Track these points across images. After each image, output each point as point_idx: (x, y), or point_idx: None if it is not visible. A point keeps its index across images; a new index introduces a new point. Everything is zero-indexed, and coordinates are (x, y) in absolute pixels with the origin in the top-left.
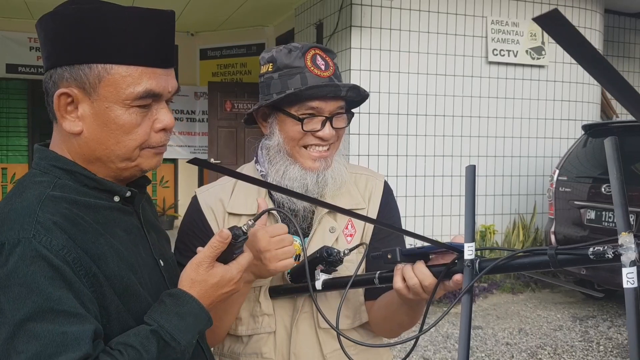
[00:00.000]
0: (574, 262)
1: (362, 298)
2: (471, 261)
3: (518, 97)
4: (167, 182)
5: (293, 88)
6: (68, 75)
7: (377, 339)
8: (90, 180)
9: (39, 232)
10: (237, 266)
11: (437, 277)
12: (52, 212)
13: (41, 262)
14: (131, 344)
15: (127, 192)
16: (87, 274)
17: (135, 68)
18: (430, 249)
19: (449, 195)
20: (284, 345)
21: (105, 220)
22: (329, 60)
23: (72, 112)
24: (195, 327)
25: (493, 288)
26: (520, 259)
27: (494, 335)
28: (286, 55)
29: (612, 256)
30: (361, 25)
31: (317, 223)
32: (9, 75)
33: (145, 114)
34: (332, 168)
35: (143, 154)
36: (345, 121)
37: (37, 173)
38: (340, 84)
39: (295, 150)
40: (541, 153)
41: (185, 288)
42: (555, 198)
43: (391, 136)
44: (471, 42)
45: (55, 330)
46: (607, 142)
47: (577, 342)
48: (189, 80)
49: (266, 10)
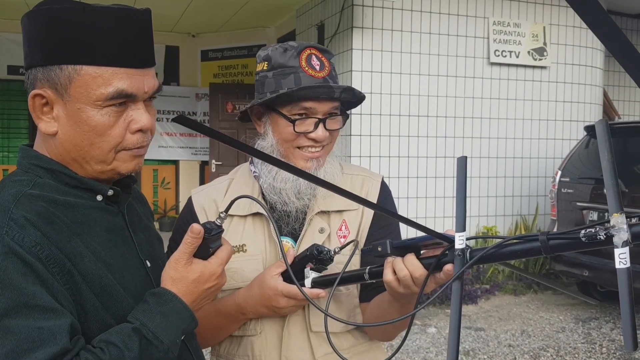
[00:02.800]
0: (565, 247)
1: (356, 300)
2: (462, 250)
3: (520, 98)
4: (168, 184)
5: (286, 88)
6: (41, 76)
7: (373, 343)
8: (71, 178)
9: (12, 228)
10: (217, 260)
11: (427, 269)
12: (26, 210)
13: (13, 258)
14: (113, 341)
15: (110, 191)
16: (61, 271)
17: (106, 69)
18: (420, 240)
19: (450, 196)
20: (274, 348)
21: (85, 219)
22: (325, 61)
23: (48, 113)
24: (179, 325)
25: (495, 290)
26: (511, 247)
27: (497, 337)
28: (281, 54)
29: (605, 237)
30: (362, 26)
31: (307, 224)
32: (10, 77)
33: (120, 114)
34: (324, 168)
35: (119, 156)
36: (340, 123)
37: (18, 172)
38: (334, 85)
39: (289, 152)
40: (543, 154)
41: (167, 287)
42: (557, 199)
43: (392, 137)
44: (473, 43)
45: (31, 326)
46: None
47: (580, 343)
48: (190, 81)
49: (267, 11)
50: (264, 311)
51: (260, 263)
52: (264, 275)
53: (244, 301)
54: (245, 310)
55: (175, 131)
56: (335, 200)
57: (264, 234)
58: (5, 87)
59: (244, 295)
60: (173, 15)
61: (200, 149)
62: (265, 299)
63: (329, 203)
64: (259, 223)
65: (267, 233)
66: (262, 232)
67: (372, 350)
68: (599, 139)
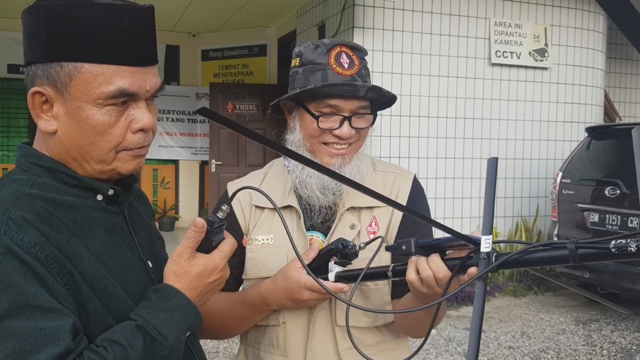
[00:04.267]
0: (595, 257)
1: (387, 297)
2: (487, 254)
3: (521, 99)
4: (168, 184)
5: (313, 84)
6: (41, 73)
7: (400, 342)
8: (71, 178)
9: (10, 228)
10: (220, 254)
11: (451, 271)
12: (25, 210)
13: (12, 259)
14: (116, 340)
15: (110, 191)
16: (61, 271)
17: (107, 67)
18: (446, 241)
19: (450, 197)
20: (300, 340)
21: (84, 219)
22: (355, 59)
23: (48, 111)
24: (183, 321)
25: (495, 291)
26: (538, 253)
27: (497, 339)
28: (312, 51)
29: (635, 249)
30: (363, 26)
31: (338, 219)
32: (10, 76)
33: (121, 113)
34: (350, 165)
35: (119, 156)
36: (367, 121)
37: (17, 171)
38: (360, 83)
39: (315, 147)
40: (544, 155)
41: (170, 282)
42: (558, 201)
43: (393, 138)
44: (474, 44)
45: (33, 326)
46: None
47: (581, 345)
48: (190, 81)
49: (268, 11)
50: (287, 303)
51: (284, 255)
52: (288, 267)
53: (268, 293)
54: (269, 301)
55: (175, 130)
56: (363, 197)
57: (292, 227)
58: (5, 86)
59: (268, 287)
60: (173, 15)
61: (200, 148)
62: (288, 292)
63: (359, 199)
64: (288, 216)
65: (296, 227)
66: (290, 225)
67: (398, 348)
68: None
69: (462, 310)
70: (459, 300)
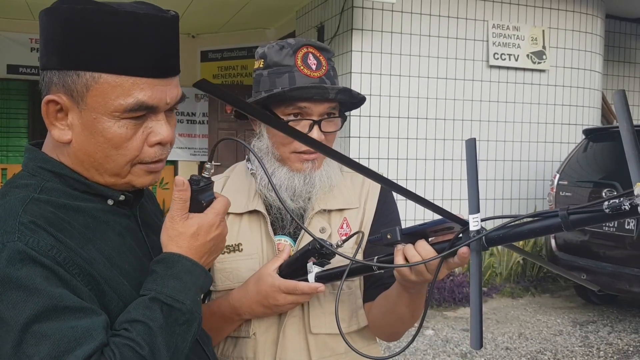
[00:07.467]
0: (588, 221)
1: (359, 301)
2: (477, 232)
3: (519, 101)
4: (167, 184)
5: (280, 87)
6: (57, 80)
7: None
8: (80, 184)
9: (24, 233)
10: (213, 211)
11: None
12: (35, 216)
13: (31, 264)
14: (135, 318)
15: (121, 196)
16: (82, 272)
17: (126, 78)
18: (430, 225)
19: (449, 198)
20: (270, 351)
21: (96, 224)
22: (323, 59)
23: (62, 119)
24: (195, 283)
25: (493, 292)
26: (530, 224)
27: (494, 340)
28: (277, 52)
29: (630, 207)
30: (362, 28)
31: (307, 223)
32: (9, 76)
33: (139, 126)
34: (320, 170)
35: (134, 170)
36: (337, 125)
37: (24, 175)
38: (329, 86)
39: (285, 155)
40: (542, 157)
41: (169, 249)
42: (555, 202)
43: (391, 139)
44: (472, 46)
45: (64, 327)
46: (616, 95)
47: (577, 347)
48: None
49: (267, 12)
50: (260, 310)
51: (256, 262)
52: (261, 272)
53: (239, 301)
54: (240, 310)
55: None
56: (335, 199)
57: (260, 232)
58: (5, 86)
59: (238, 295)
60: None
61: (199, 149)
62: (262, 297)
63: (329, 202)
64: (255, 221)
65: (263, 231)
66: (258, 231)
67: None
68: (617, 110)
69: (459, 311)
70: (457, 302)
